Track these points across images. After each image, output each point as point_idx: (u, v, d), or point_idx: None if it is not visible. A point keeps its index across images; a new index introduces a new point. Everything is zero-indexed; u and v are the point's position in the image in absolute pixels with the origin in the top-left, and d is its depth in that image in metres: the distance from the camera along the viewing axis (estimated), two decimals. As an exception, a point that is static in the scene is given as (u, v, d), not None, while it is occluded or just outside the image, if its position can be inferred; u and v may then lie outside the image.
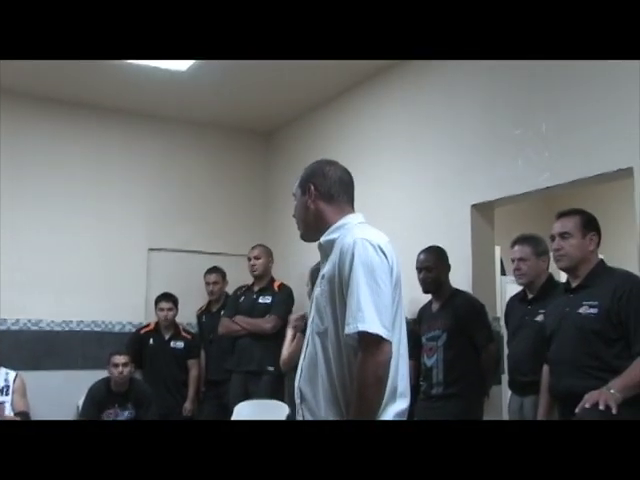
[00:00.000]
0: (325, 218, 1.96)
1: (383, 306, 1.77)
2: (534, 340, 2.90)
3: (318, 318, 1.88)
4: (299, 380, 1.92)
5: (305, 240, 2.05)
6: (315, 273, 3.13)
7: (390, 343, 1.77)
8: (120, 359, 4.24)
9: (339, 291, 1.82)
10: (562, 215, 2.69)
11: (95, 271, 4.94)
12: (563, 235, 2.63)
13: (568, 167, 3.03)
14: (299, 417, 1.91)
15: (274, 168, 5.66)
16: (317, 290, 1.92)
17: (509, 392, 3.23)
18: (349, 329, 1.75)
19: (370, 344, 1.74)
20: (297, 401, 1.92)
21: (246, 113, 5.25)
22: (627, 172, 2.78)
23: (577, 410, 2.26)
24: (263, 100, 4.80)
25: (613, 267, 2.63)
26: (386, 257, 1.84)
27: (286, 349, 3.44)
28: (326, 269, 1.89)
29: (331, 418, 1.81)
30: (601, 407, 2.19)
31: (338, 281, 1.82)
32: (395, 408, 1.83)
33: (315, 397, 1.85)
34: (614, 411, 2.18)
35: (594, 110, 2.92)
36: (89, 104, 4.98)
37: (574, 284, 2.64)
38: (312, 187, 1.97)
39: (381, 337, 1.74)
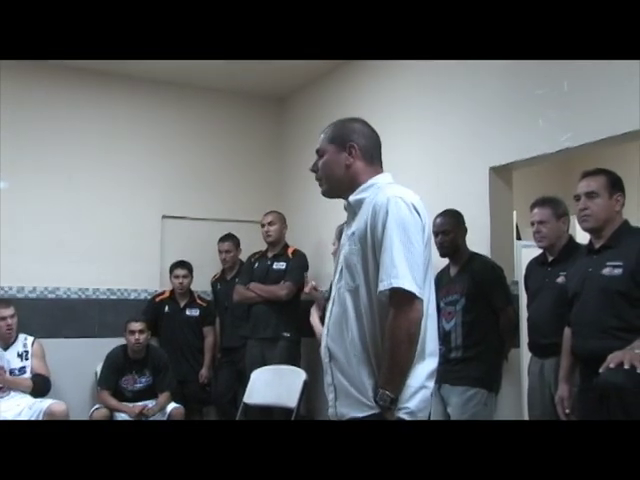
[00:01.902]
0: (359, 178, 1.95)
1: (415, 264, 1.77)
2: (555, 302, 2.88)
3: (349, 276, 1.86)
4: (326, 339, 1.91)
5: (327, 196, 2.03)
6: (342, 232, 3.12)
7: (422, 301, 1.77)
8: (136, 326, 4.27)
9: (372, 248, 1.82)
10: (588, 174, 2.64)
11: (110, 239, 4.93)
12: (590, 195, 2.58)
13: (591, 126, 2.96)
14: (327, 376, 1.90)
15: (288, 134, 5.60)
16: (345, 248, 1.90)
17: (528, 355, 3.22)
18: (383, 285, 1.75)
19: (403, 301, 1.75)
20: (325, 360, 1.91)
21: (259, 79, 5.18)
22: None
23: (601, 370, 2.25)
24: (276, 65, 4.72)
25: (638, 227, 2.60)
26: (419, 215, 1.84)
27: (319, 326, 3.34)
28: (355, 227, 1.89)
29: (364, 376, 1.81)
30: (626, 366, 2.18)
31: (371, 238, 1.82)
32: (425, 367, 1.83)
33: (346, 355, 1.84)
34: (639, 370, 2.16)
35: (618, 67, 2.84)
36: (104, 71, 4.91)
37: (597, 245, 2.61)
38: (356, 146, 1.95)
39: (414, 294, 1.75)
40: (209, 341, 4.86)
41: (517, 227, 4.40)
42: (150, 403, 4.24)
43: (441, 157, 3.86)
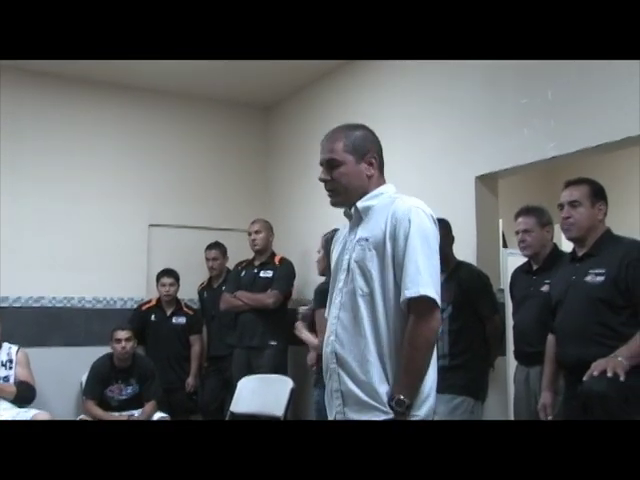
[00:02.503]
0: (371, 187, 1.97)
1: (436, 273, 1.82)
2: (540, 310, 2.90)
3: (362, 281, 1.86)
4: (333, 344, 1.90)
5: (339, 206, 2.02)
6: (329, 241, 3.12)
7: (440, 310, 1.81)
8: (122, 334, 4.24)
9: (391, 256, 1.83)
10: (571, 184, 2.68)
11: (96, 247, 4.90)
12: (572, 204, 2.62)
13: (575, 136, 2.99)
14: (333, 382, 1.89)
15: (274, 142, 5.61)
16: (354, 253, 1.91)
17: (514, 363, 3.23)
18: (410, 293, 1.78)
19: (426, 309, 1.78)
20: (331, 366, 1.90)
21: (246, 87, 5.19)
22: (635, 140, 2.75)
23: (585, 378, 2.27)
24: (263, 74, 4.74)
25: (620, 236, 2.63)
26: (435, 226, 1.89)
27: (314, 339, 3.27)
28: (366, 233, 1.90)
29: (377, 382, 1.81)
30: (609, 374, 2.20)
31: (391, 247, 1.83)
32: (431, 374, 1.86)
33: (358, 361, 1.83)
34: (622, 378, 2.19)
35: (601, 77, 2.88)
36: (91, 79, 4.91)
37: (580, 253, 2.64)
38: (377, 158, 1.98)
39: (436, 303, 1.79)
40: (196, 350, 4.84)
41: (503, 235, 4.43)
42: (136, 412, 4.21)
43: (427, 166, 3.88)
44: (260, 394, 3.95)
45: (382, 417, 1.78)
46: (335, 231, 2.07)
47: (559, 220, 2.70)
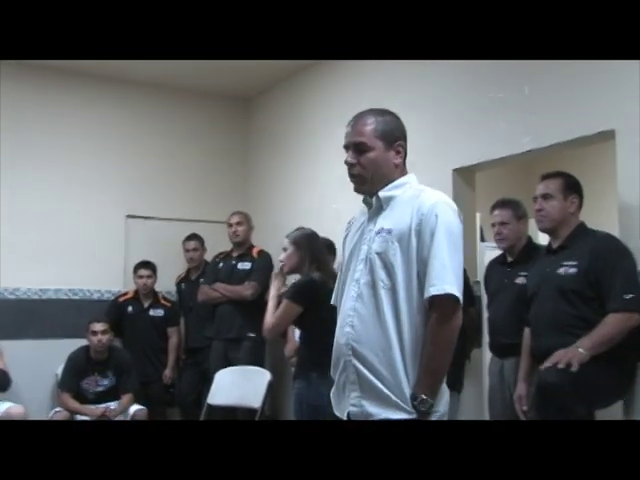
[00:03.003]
0: (395, 176, 1.92)
1: (460, 271, 1.79)
2: (514, 302, 2.92)
3: (384, 273, 1.81)
4: (348, 336, 1.85)
5: (362, 193, 1.94)
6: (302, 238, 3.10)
7: (462, 309, 1.79)
8: (99, 326, 4.21)
9: (416, 251, 1.79)
10: (546, 177, 2.73)
11: (73, 239, 4.85)
12: (545, 196, 2.67)
13: (550, 130, 3.01)
14: (349, 374, 1.84)
15: (253, 134, 5.59)
16: (373, 244, 1.85)
17: (489, 355, 3.26)
18: (436, 290, 1.74)
19: (450, 308, 1.75)
20: (346, 358, 1.84)
21: (226, 79, 5.15)
22: (609, 134, 2.78)
23: (541, 368, 2.33)
24: (243, 66, 4.71)
25: (593, 229, 2.67)
26: (461, 222, 1.86)
27: (271, 316, 3.29)
28: (388, 224, 1.85)
29: (400, 377, 1.76)
30: (560, 365, 2.27)
31: (416, 241, 1.79)
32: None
33: (378, 355, 1.78)
34: (574, 369, 2.25)
35: (576, 72, 2.90)
36: (66, 69, 4.84)
37: (555, 245, 2.70)
38: (403, 145, 1.94)
39: (460, 302, 1.76)
40: (173, 342, 4.82)
41: (481, 229, 4.46)
42: (112, 405, 4.18)
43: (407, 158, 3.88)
44: (238, 386, 3.94)
45: (405, 415, 1.75)
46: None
47: (534, 213, 2.73)
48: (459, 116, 3.54)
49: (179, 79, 5.16)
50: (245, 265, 4.54)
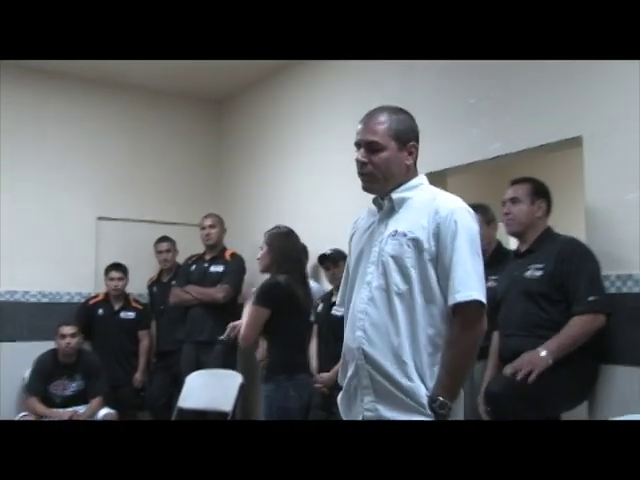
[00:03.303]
0: (407, 177, 1.87)
1: (482, 276, 1.77)
2: (484, 306, 2.94)
3: (399, 278, 1.77)
4: (360, 340, 1.80)
5: (370, 192, 1.90)
6: (275, 237, 3.08)
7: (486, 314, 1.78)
8: (67, 330, 4.15)
9: (435, 256, 1.76)
10: (514, 182, 2.79)
11: (42, 240, 4.78)
12: (513, 200, 2.73)
13: (519, 136, 3.05)
14: (362, 379, 1.80)
15: (226, 136, 5.57)
16: (388, 247, 1.80)
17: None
18: (461, 296, 1.71)
19: (476, 314, 1.74)
20: (359, 362, 1.80)
21: (199, 80, 5.13)
22: (576, 141, 2.82)
23: (504, 372, 2.38)
24: (215, 67, 4.70)
25: (559, 233, 2.72)
26: (479, 227, 1.84)
27: (250, 326, 3.02)
28: (402, 227, 1.81)
29: (414, 381, 1.74)
30: (519, 376, 2.35)
31: (435, 245, 1.76)
32: None
33: (392, 360, 1.75)
34: (531, 379, 2.34)
35: (545, 79, 2.94)
36: (36, 68, 4.77)
37: (522, 249, 2.75)
38: (416, 146, 1.89)
39: (485, 307, 1.75)
40: (144, 345, 4.78)
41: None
42: (81, 409, 4.13)
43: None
44: (209, 389, 3.92)
45: (422, 418, 1.72)
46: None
47: (502, 217, 2.79)
48: (431, 121, 3.55)
49: (152, 80, 5.13)
50: (218, 268, 4.52)
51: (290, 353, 2.93)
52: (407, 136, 1.87)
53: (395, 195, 1.85)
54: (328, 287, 3.87)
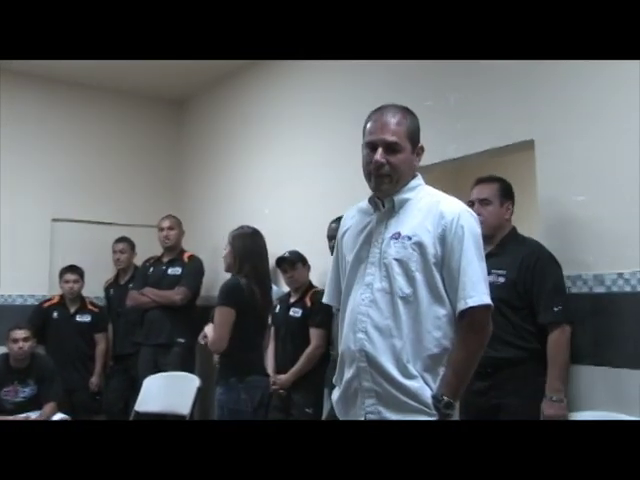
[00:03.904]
0: (409, 177, 1.88)
1: (487, 279, 1.80)
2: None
3: (404, 281, 1.77)
4: (362, 342, 1.79)
5: (382, 193, 1.85)
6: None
7: None
8: (20, 334, 4.05)
9: (440, 259, 1.77)
10: (481, 181, 2.72)
11: (-7, 241, 4.67)
12: (483, 201, 2.66)
13: (474, 139, 3.10)
14: (363, 381, 1.79)
15: (185, 137, 5.53)
16: (392, 250, 1.79)
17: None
18: (473, 301, 1.74)
19: (485, 317, 1.78)
20: (360, 364, 1.79)
21: (158, 80, 5.09)
22: (528, 144, 2.87)
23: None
24: (175, 67, 4.66)
25: (524, 236, 2.70)
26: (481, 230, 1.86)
27: (221, 328, 2.93)
28: (407, 231, 1.80)
29: (416, 383, 1.74)
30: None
31: (440, 249, 1.77)
32: None
33: (394, 363, 1.75)
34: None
35: (499, 83, 3.00)
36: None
37: (485, 251, 2.68)
38: (423, 150, 1.90)
39: (492, 310, 1.79)
40: (101, 348, 4.70)
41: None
42: (33, 415, 4.03)
43: (336, 163, 3.92)
44: (166, 393, 3.87)
45: (426, 418, 1.73)
46: (337, 220, 1.99)
47: None
48: (388, 123, 3.59)
49: (110, 80, 5.06)
50: (176, 270, 4.48)
51: (242, 355, 2.91)
52: (417, 137, 1.88)
53: (398, 197, 1.85)
54: (286, 289, 3.86)
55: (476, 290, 1.74)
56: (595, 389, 2.53)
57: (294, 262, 3.62)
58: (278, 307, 3.72)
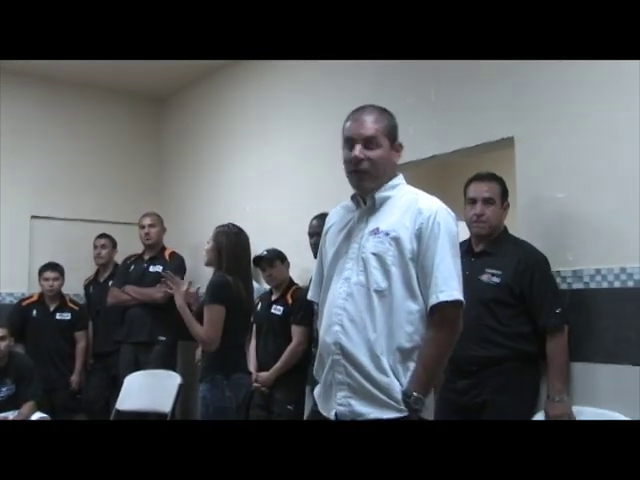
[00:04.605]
0: (390, 175, 1.91)
1: (461, 277, 1.81)
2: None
3: (380, 275, 1.79)
4: (337, 335, 1.81)
5: (362, 190, 1.89)
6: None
7: None
8: (-3, 332, 4.00)
9: (416, 255, 1.79)
10: (481, 179, 2.66)
11: (-30, 240, 4.61)
12: (487, 201, 2.60)
13: (454, 136, 3.11)
14: (337, 374, 1.81)
15: (166, 134, 5.50)
16: (369, 245, 1.82)
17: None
18: (444, 296, 1.75)
19: (456, 313, 1.79)
20: (335, 357, 1.81)
21: (139, 78, 5.05)
22: (508, 142, 2.89)
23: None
24: (157, 65, 4.62)
25: (515, 237, 2.68)
26: (458, 229, 1.87)
27: (201, 329, 2.92)
28: (383, 225, 1.83)
29: (389, 377, 1.76)
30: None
31: (417, 245, 1.79)
32: None
33: (368, 356, 1.77)
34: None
35: (480, 80, 3.01)
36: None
37: (477, 249, 2.64)
38: (402, 147, 1.93)
39: (463, 307, 1.80)
40: (81, 346, 4.66)
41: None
42: (11, 415, 3.98)
43: (317, 161, 3.93)
44: (147, 391, 3.86)
45: (395, 414, 1.75)
46: (321, 216, 1.99)
47: (464, 215, 2.66)
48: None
49: (90, 77, 5.02)
50: (157, 267, 4.45)
51: (227, 352, 2.91)
52: (395, 134, 1.92)
53: (379, 194, 1.88)
54: (267, 287, 3.86)
55: (448, 285, 1.77)
56: (574, 385, 2.56)
57: (272, 260, 3.62)
58: (260, 305, 3.71)
